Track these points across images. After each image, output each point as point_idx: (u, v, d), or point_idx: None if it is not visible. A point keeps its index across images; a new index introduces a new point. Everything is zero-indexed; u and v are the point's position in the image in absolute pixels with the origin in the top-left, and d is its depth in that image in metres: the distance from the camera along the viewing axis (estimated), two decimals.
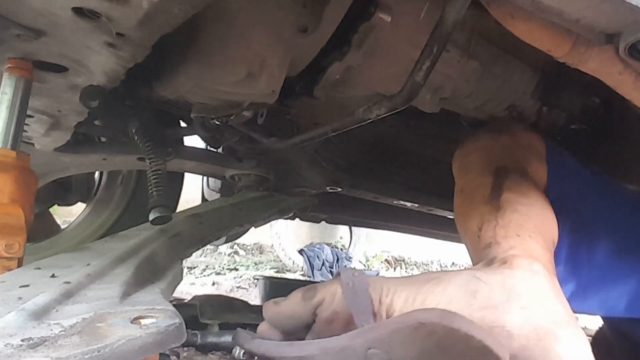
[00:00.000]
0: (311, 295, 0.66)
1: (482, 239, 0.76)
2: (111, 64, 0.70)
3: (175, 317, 0.47)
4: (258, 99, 0.84)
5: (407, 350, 0.53)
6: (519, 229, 0.74)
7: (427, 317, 0.51)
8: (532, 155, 0.89)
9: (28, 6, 0.56)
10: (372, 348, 0.54)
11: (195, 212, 1.23)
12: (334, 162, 1.40)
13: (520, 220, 0.75)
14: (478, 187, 0.85)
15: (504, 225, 0.75)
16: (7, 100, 0.71)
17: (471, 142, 0.96)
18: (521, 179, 0.83)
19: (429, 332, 0.51)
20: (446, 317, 0.51)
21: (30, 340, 0.40)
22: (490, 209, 0.78)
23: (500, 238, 0.73)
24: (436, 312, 0.52)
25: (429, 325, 0.51)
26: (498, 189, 0.81)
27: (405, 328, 0.52)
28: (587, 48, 0.59)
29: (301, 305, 0.66)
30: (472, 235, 0.80)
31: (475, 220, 0.80)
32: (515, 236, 0.73)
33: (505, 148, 0.89)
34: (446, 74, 0.90)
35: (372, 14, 0.75)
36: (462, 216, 0.87)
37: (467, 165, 0.93)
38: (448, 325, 0.50)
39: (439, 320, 0.50)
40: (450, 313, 0.52)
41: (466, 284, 0.63)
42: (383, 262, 5.61)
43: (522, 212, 0.77)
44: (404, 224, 2.01)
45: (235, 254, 4.73)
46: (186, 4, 0.57)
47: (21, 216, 0.68)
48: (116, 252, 0.75)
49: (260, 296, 2.30)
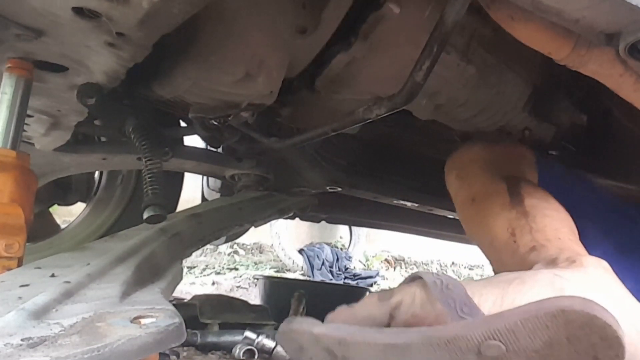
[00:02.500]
0: (388, 296, 0.65)
1: (521, 243, 0.76)
2: (111, 64, 0.70)
3: (175, 317, 0.47)
4: (256, 99, 0.85)
5: (532, 342, 0.50)
6: (556, 232, 0.75)
7: (570, 304, 0.48)
8: (525, 166, 0.91)
9: (28, 6, 0.56)
10: (490, 339, 0.50)
11: (195, 212, 1.23)
12: (334, 162, 1.40)
13: (554, 225, 0.76)
14: (492, 195, 0.86)
15: (538, 229, 0.76)
16: (7, 100, 0.71)
17: (464, 154, 0.96)
18: (532, 185, 0.85)
19: (567, 320, 0.48)
20: (588, 305, 0.48)
21: (30, 340, 0.40)
22: (517, 215, 0.79)
23: (543, 241, 0.74)
24: (578, 299, 0.49)
25: (570, 313, 0.48)
26: (517, 195, 0.82)
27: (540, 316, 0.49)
28: (587, 50, 0.59)
29: (377, 306, 0.64)
30: (503, 240, 0.80)
31: (502, 226, 0.80)
32: (557, 239, 0.74)
33: (503, 158, 0.91)
34: (444, 77, 0.90)
35: (381, 4, 0.75)
36: (480, 224, 0.87)
37: (469, 175, 0.94)
38: (590, 312, 0.48)
39: (581, 308, 0.48)
40: (592, 301, 0.49)
41: (550, 282, 0.63)
42: (383, 261, 5.60)
43: (552, 217, 0.78)
44: (404, 224, 2.01)
45: (235, 253, 4.73)
46: (186, 4, 0.57)
47: (21, 216, 0.68)
48: (116, 252, 0.75)
49: (260, 296, 2.30)
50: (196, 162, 1.28)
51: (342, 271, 4.69)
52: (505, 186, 0.85)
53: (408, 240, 5.24)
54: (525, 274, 0.66)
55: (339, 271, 4.67)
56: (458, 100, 0.98)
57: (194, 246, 1.07)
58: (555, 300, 0.50)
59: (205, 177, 1.82)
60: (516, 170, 0.90)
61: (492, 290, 0.63)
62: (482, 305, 0.62)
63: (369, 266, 5.39)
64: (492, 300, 0.62)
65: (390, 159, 1.49)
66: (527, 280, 0.64)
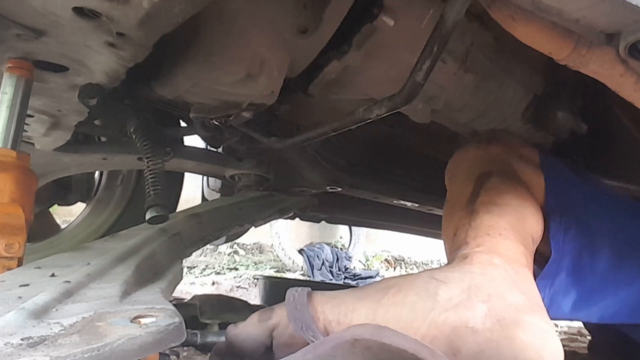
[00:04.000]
0: (267, 317, 0.66)
1: (455, 242, 0.76)
2: (112, 64, 0.70)
3: (175, 317, 0.47)
4: (257, 99, 0.85)
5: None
6: (489, 228, 0.74)
7: (360, 332, 0.51)
8: (523, 164, 0.89)
9: (28, 6, 0.56)
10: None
11: (195, 212, 1.23)
12: (334, 162, 1.40)
13: (492, 221, 0.75)
14: (459, 195, 0.85)
15: (475, 227, 0.75)
16: (7, 100, 0.71)
17: (461, 153, 0.96)
18: (502, 180, 0.83)
19: (366, 347, 0.51)
20: (377, 332, 0.51)
21: (30, 340, 0.40)
22: (465, 214, 0.79)
23: (470, 239, 0.73)
24: (368, 328, 0.52)
25: (364, 341, 0.51)
26: (476, 194, 0.81)
27: (343, 343, 0.51)
28: (588, 50, 0.59)
29: (257, 327, 0.66)
30: (448, 241, 0.80)
31: (452, 226, 0.80)
32: (484, 235, 0.73)
33: (494, 157, 0.89)
34: (441, 85, 0.90)
35: (375, 16, 0.75)
36: (443, 225, 0.87)
37: (454, 176, 0.93)
38: (379, 340, 0.50)
39: (370, 336, 0.50)
40: (382, 328, 0.52)
41: (426, 288, 0.64)
42: (383, 261, 5.61)
43: (494, 212, 0.77)
44: (404, 223, 2.01)
45: (235, 253, 4.73)
46: (186, 3, 0.57)
47: (21, 216, 0.68)
48: (116, 252, 0.75)
49: (260, 296, 2.30)
50: (196, 162, 1.28)
51: (342, 271, 4.70)
52: (472, 185, 0.83)
53: (408, 240, 5.25)
54: (405, 280, 0.66)
55: (339, 271, 4.67)
56: (455, 105, 0.98)
57: (194, 246, 1.07)
58: (352, 329, 0.53)
59: (205, 177, 1.82)
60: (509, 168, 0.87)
61: (366, 304, 0.64)
62: (354, 320, 0.63)
63: (369, 266, 5.39)
64: (364, 315, 0.63)
65: (390, 159, 1.49)
66: (403, 287, 0.65)
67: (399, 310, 0.62)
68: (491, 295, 0.62)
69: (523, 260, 0.72)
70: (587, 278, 0.83)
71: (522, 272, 0.70)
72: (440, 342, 0.60)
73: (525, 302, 0.63)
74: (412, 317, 0.61)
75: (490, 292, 0.63)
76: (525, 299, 0.64)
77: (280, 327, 0.65)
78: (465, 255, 0.70)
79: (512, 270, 0.68)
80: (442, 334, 0.60)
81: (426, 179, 1.51)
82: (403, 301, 0.63)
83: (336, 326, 0.63)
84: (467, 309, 0.61)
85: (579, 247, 0.83)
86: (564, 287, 0.81)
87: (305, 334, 0.61)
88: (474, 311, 0.60)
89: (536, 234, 0.80)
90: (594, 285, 0.83)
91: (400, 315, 0.62)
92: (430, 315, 0.61)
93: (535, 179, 0.88)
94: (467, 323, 0.59)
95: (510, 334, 0.58)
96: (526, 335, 0.59)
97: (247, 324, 0.68)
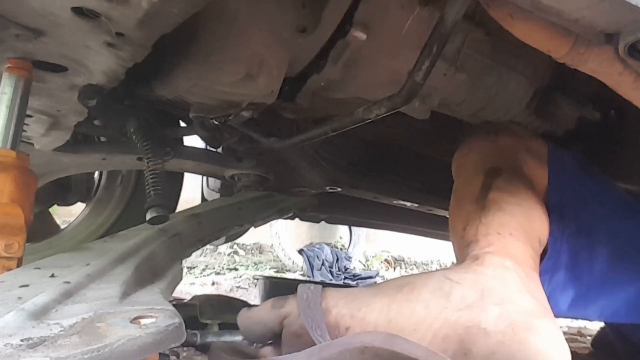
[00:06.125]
0: (280, 305, 0.67)
1: (465, 238, 0.76)
2: (111, 64, 0.70)
3: (174, 317, 0.47)
4: (257, 99, 0.85)
5: None
6: (500, 227, 0.74)
7: (371, 340, 0.51)
8: (530, 158, 0.89)
9: (27, 6, 0.56)
10: None
11: (195, 212, 1.23)
12: (334, 162, 1.39)
13: (503, 219, 0.75)
14: (468, 188, 0.85)
15: (486, 223, 0.75)
16: (6, 100, 0.71)
17: (468, 144, 0.96)
18: (513, 179, 0.83)
19: (375, 354, 0.51)
20: (388, 340, 0.51)
21: (29, 340, 0.40)
22: (475, 208, 0.79)
23: (480, 236, 0.73)
24: (379, 336, 0.52)
25: (374, 349, 0.51)
26: (486, 189, 0.81)
27: (352, 350, 0.51)
28: (586, 48, 0.59)
29: (269, 313, 0.67)
30: (457, 234, 0.80)
31: (461, 220, 0.80)
32: (495, 234, 0.73)
33: (501, 149, 0.89)
34: (432, 85, 0.90)
35: (347, 32, 0.75)
36: (451, 216, 0.87)
37: (463, 166, 0.93)
38: (390, 348, 0.50)
39: (381, 344, 0.50)
40: (393, 336, 0.51)
41: (440, 287, 0.64)
42: (383, 262, 5.61)
43: (506, 210, 0.77)
44: (404, 224, 2.01)
45: (235, 253, 4.73)
46: (186, 4, 0.57)
47: (21, 216, 0.68)
48: (116, 252, 0.75)
49: (260, 296, 2.30)
50: (196, 162, 1.28)
51: (341, 271, 4.70)
52: (482, 179, 0.83)
53: (408, 240, 5.24)
54: (419, 279, 0.67)
55: (338, 271, 4.67)
56: (453, 101, 0.97)
57: (194, 246, 1.07)
58: (362, 336, 0.53)
59: (205, 177, 1.82)
60: (515, 162, 0.87)
61: (380, 300, 0.64)
62: (369, 316, 0.63)
63: (369, 266, 5.39)
64: (378, 310, 0.63)
65: (390, 159, 1.49)
66: (417, 285, 0.65)
67: (412, 306, 0.62)
68: (504, 298, 0.62)
69: (531, 263, 0.73)
70: (585, 276, 0.83)
71: (531, 275, 0.70)
72: (452, 341, 0.60)
73: (536, 306, 0.63)
74: (425, 314, 0.61)
75: (502, 295, 0.63)
76: (536, 303, 0.64)
77: (292, 316, 0.65)
78: (476, 256, 0.70)
79: (523, 274, 0.68)
80: (454, 333, 0.60)
81: (426, 179, 1.51)
82: (417, 298, 0.63)
83: (349, 320, 0.63)
84: (480, 310, 0.61)
85: (577, 245, 0.83)
86: (562, 284, 0.81)
87: (314, 333, 0.61)
88: (487, 313, 0.60)
89: (543, 237, 0.81)
90: (592, 283, 0.83)
91: (413, 311, 0.62)
92: (444, 313, 0.61)
93: (539, 175, 0.87)
94: (480, 324, 0.60)
95: (522, 338, 0.58)
96: (538, 340, 0.59)
97: (261, 308, 0.68)
